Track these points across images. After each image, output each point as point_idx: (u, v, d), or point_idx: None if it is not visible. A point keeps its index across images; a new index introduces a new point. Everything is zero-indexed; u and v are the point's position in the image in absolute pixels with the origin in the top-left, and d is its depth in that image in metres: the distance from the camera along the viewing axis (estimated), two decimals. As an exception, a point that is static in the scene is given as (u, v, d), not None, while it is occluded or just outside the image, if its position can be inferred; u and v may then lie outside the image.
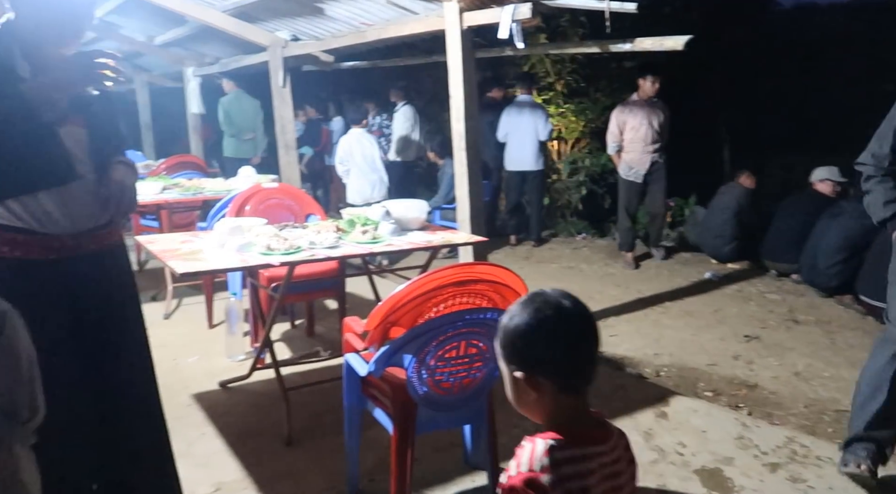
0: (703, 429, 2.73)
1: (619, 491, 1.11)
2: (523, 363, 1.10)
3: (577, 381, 1.10)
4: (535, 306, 1.12)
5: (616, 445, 1.13)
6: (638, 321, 4.24)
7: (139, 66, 9.05)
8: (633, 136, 5.48)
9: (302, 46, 5.41)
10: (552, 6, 3.53)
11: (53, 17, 1.61)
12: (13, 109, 1.54)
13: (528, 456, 1.05)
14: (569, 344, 1.10)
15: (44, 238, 1.64)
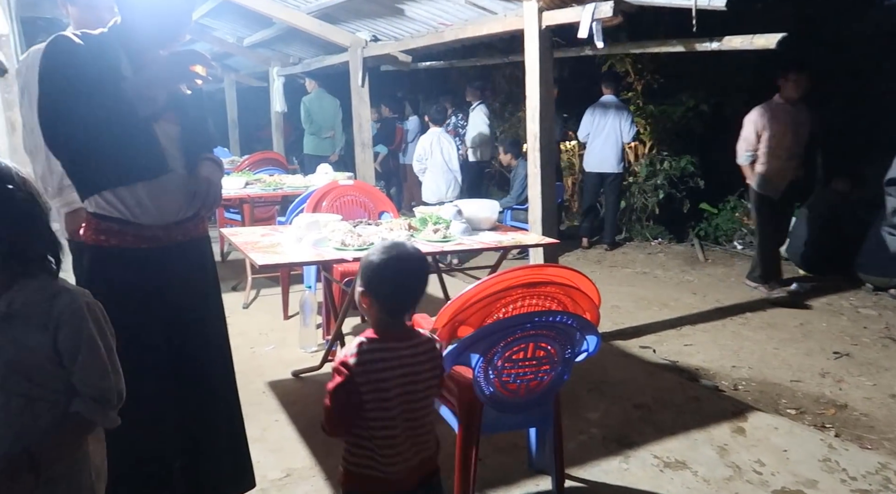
0: (785, 448, 2.59)
1: (415, 379, 1.50)
2: (365, 285, 1.49)
3: (395, 309, 1.50)
4: (388, 252, 1.49)
5: (418, 345, 1.52)
6: (716, 331, 4.06)
7: (228, 66, 9.51)
8: (774, 144, 4.68)
9: (381, 47, 5.52)
10: (635, 4, 3.43)
11: (156, 20, 1.72)
12: (114, 106, 1.65)
13: (348, 347, 1.48)
14: (396, 287, 1.48)
15: (137, 228, 1.74)
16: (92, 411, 1.29)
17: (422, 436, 1.54)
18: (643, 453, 2.54)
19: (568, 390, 2.66)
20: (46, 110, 1.68)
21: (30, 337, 1.25)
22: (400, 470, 1.50)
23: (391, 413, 1.47)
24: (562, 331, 1.94)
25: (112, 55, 1.71)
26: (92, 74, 1.65)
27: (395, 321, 1.51)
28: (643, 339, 3.89)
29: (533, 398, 2.03)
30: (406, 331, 1.53)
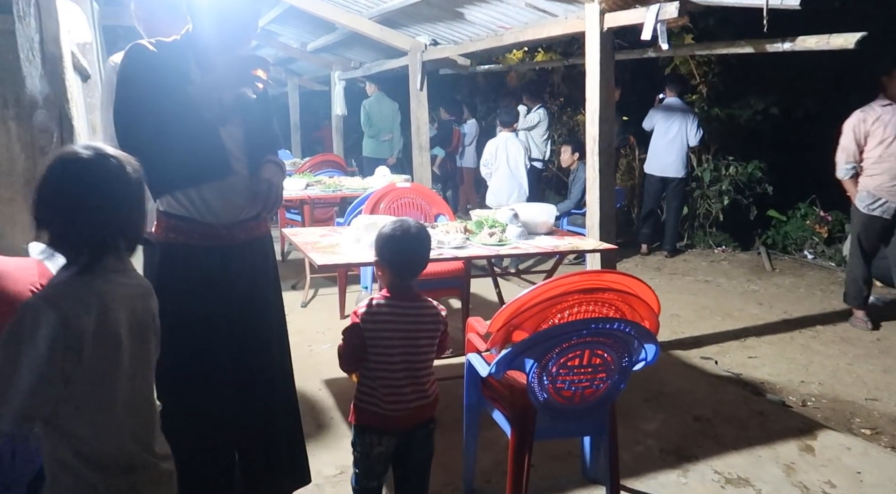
0: (858, 470, 2.44)
1: (417, 335, 1.77)
2: (378, 254, 1.81)
3: (402, 273, 1.80)
4: (395, 226, 1.82)
5: (422, 307, 1.80)
6: (783, 343, 3.88)
7: (291, 70, 9.78)
8: (881, 153, 3.97)
9: (440, 50, 5.55)
10: (702, 4, 3.33)
11: (224, 28, 1.78)
12: (182, 110, 1.73)
13: (363, 303, 1.78)
14: (400, 254, 1.79)
15: (203, 227, 1.82)
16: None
17: (422, 386, 1.79)
18: (703, 467, 2.45)
19: (624, 399, 2.60)
20: (121, 115, 1.77)
21: None
22: (398, 410, 1.76)
23: (393, 359, 1.74)
24: (619, 339, 1.90)
25: (182, 61, 1.79)
26: (163, 80, 1.73)
27: (403, 284, 1.79)
28: (704, 350, 3.76)
29: (588, 405, 1.99)
30: (413, 294, 1.81)
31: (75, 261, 1.22)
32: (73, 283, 1.21)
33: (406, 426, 1.78)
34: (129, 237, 1.29)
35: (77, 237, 1.21)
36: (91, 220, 1.21)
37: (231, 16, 1.77)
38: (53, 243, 1.22)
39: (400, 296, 1.78)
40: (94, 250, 1.22)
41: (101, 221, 1.22)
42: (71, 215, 1.21)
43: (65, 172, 1.22)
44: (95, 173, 1.23)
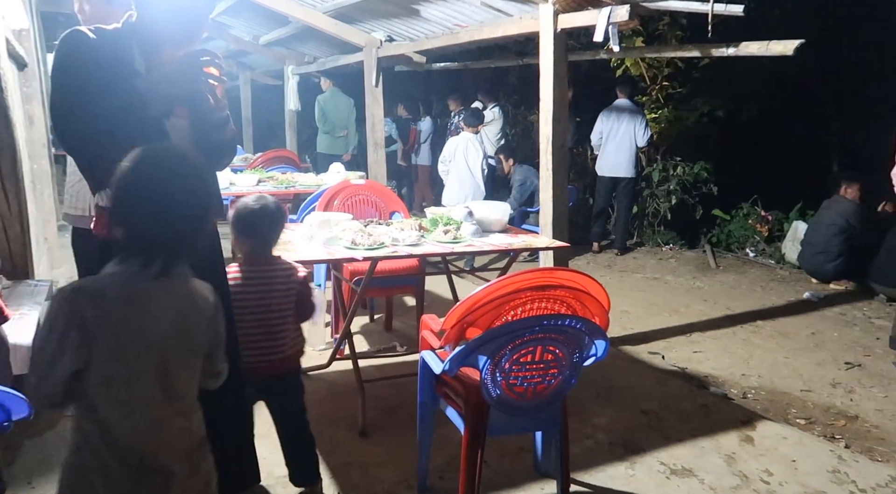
0: (793, 458, 2.56)
1: (268, 295, 2.08)
2: (236, 233, 2.11)
3: (260, 244, 2.11)
4: (256, 202, 2.10)
5: (274, 270, 2.11)
6: (726, 338, 4.03)
7: (243, 64, 9.57)
8: None
9: (396, 47, 5.53)
10: (651, 8, 3.42)
11: (175, 20, 1.73)
12: (127, 101, 1.67)
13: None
14: (252, 231, 2.08)
15: None
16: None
17: (276, 341, 2.07)
18: (650, 459, 2.53)
19: (575, 394, 2.66)
20: (59, 105, 1.68)
21: None
22: (253, 361, 2.03)
23: (245, 317, 2.03)
24: (570, 335, 1.94)
25: (126, 51, 1.72)
26: (105, 70, 1.66)
27: (259, 251, 2.11)
28: (652, 345, 3.87)
29: (540, 401, 2.03)
30: (268, 259, 2.12)
31: (125, 261, 1.26)
32: (107, 281, 1.25)
33: (263, 377, 2.06)
34: (191, 245, 1.33)
35: (141, 239, 1.26)
36: (150, 227, 1.25)
37: (182, 8, 1.72)
38: (125, 239, 1.27)
39: (254, 261, 2.09)
40: (146, 256, 1.26)
41: (168, 227, 1.26)
42: (134, 219, 1.26)
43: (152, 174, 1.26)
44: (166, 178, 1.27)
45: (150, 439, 1.28)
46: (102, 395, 1.24)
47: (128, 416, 1.25)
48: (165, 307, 1.28)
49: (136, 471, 1.27)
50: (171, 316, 1.28)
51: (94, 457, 1.24)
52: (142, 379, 1.26)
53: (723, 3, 3.16)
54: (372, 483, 2.33)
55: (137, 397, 1.26)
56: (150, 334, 1.26)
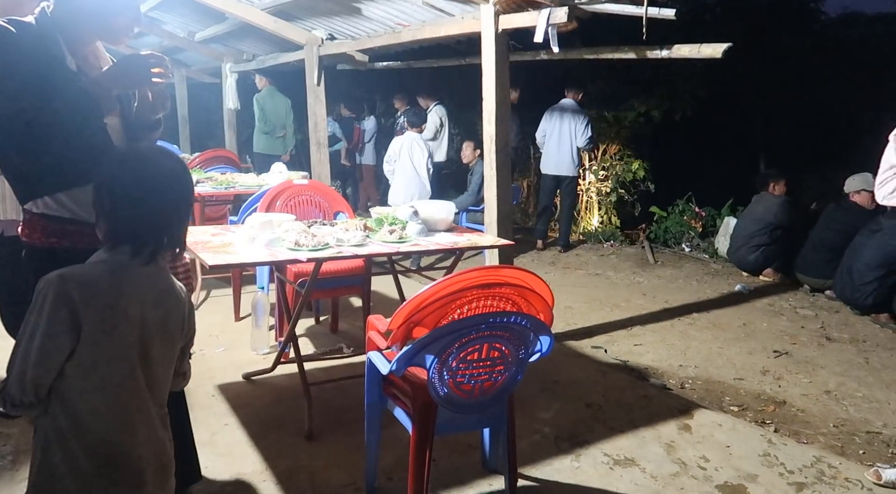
0: (728, 444, 2.68)
1: None
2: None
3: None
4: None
5: None
6: (664, 331, 4.18)
7: (179, 61, 9.24)
8: None
9: (337, 45, 5.47)
10: (589, 10, 3.50)
11: (97, 11, 1.64)
12: (71, 102, 1.57)
13: None
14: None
15: (93, 228, 1.68)
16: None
17: None
18: (594, 451, 2.60)
19: (521, 390, 2.70)
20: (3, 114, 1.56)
21: None
22: None
23: None
24: (516, 332, 1.97)
25: (54, 47, 1.62)
26: (39, 67, 1.56)
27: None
28: (595, 339, 3.97)
29: (487, 398, 2.05)
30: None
31: (113, 249, 1.32)
32: (93, 267, 1.30)
33: None
34: (173, 238, 1.37)
35: (125, 231, 1.31)
36: (140, 217, 1.31)
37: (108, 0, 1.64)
38: (113, 230, 1.32)
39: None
40: (135, 244, 1.31)
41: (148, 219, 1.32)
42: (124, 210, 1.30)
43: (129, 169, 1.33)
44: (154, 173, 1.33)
45: (122, 430, 1.29)
46: (79, 384, 1.26)
47: (103, 403, 1.28)
48: (150, 295, 1.33)
49: (107, 473, 1.28)
50: (154, 304, 1.34)
51: (65, 458, 1.27)
52: (123, 364, 1.29)
53: (656, 6, 3.27)
54: (320, 487, 2.30)
55: (117, 381, 1.29)
56: (135, 319, 1.30)
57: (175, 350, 1.42)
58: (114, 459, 1.29)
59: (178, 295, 1.41)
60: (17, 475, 2.29)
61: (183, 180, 1.39)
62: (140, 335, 1.32)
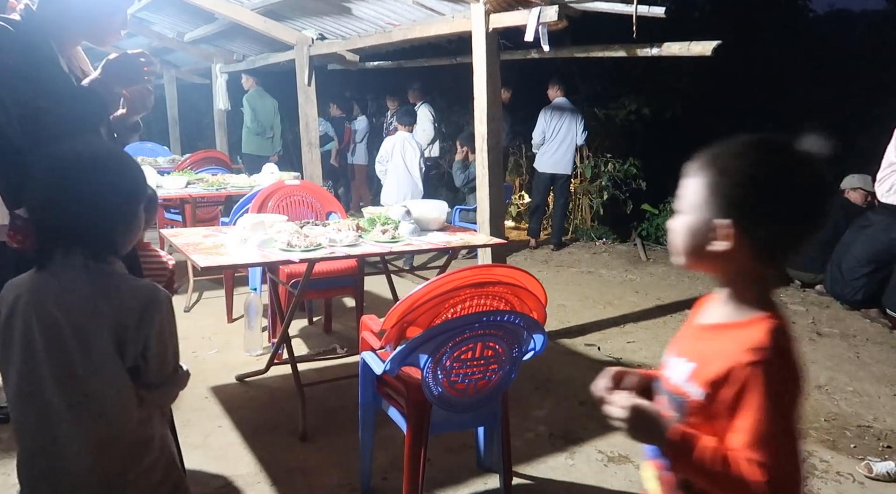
0: (721, 440, 2.69)
1: None
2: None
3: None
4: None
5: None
6: (657, 328, 4.19)
7: (168, 61, 9.19)
8: None
9: (328, 45, 5.45)
10: (579, 9, 3.51)
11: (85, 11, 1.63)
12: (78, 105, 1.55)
13: None
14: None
15: None
16: None
17: None
18: (588, 448, 2.60)
19: (515, 388, 2.70)
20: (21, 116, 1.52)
21: None
22: None
23: None
24: (509, 330, 1.97)
25: (47, 48, 1.61)
26: (44, 66, 1.53)
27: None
28: (588, 337, 3.98)
29: (481, 397, 2.05)
30: None
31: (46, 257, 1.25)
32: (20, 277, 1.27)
33: None
34: (87, 241, 1.24)
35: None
36: (41, 214, 1.25)
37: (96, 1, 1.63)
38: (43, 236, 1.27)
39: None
40: (41, 243, 1.26)
41: (50, 217, 1.23)
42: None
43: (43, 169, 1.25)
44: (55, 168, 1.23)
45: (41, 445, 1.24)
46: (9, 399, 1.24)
47: (21, 415, 1.24)
48: (65, 300, 1.22)
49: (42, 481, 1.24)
50: (70, 310, 1.22)
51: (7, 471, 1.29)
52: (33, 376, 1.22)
53: (646, 5, 3.29)
54: (314, 487, 2.30)
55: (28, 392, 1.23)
56: (37, 327, 1.21)
57: (112, 359, 1.23)
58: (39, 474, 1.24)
59: (117, 298, 1.24)
60: (8, 479, 2.27)
61: (105, 182, 1.24)
62: (49, 344, 1.21)
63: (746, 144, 0.99)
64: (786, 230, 0.97)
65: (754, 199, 0.94)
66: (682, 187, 1.02)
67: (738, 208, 0.95)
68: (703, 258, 1.00)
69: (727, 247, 0.96)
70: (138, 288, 1.29)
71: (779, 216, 0.95)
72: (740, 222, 0.95)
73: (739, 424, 0.92)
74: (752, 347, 0.93)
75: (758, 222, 0.95)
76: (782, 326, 0.97)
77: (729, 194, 0.96)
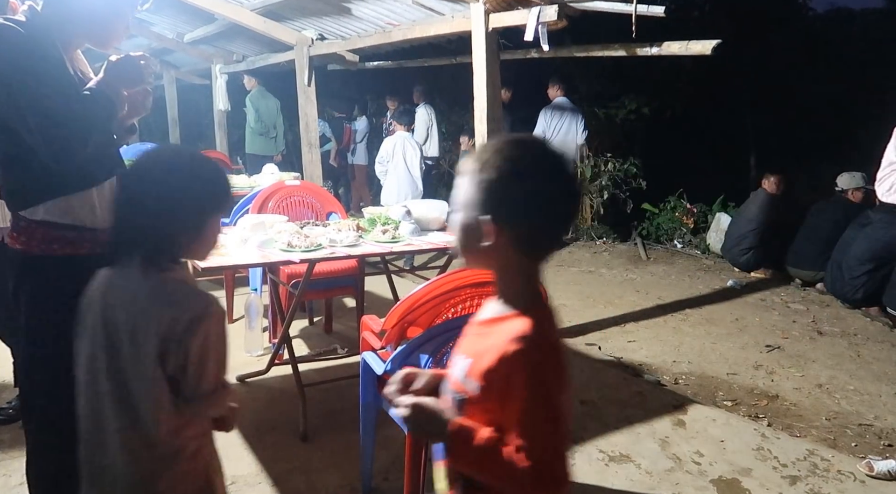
0: (722, 439, 2.70)
1: None
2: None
3: None
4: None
5: None
6: (658, 327, 4.20)
7: (168, 62, 9.20)
8: None
9: (328, 45, 5.46)
10: (578, 9, 3.51)
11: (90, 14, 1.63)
12: (87, 105, 1.55)
13: None
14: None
15: (93, 234, 1.65)
16: None
17: None
18: (589, 448, 2.60)
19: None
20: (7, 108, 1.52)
21: None
22: None
23: None
24: (510, 330, 1.97)
25: (53, 49, 1.61)
26: (52, 67, 1.54)
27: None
28: (589, 336, 3.98)
29: (482, 396, 2.05)
30: None
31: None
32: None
33: None
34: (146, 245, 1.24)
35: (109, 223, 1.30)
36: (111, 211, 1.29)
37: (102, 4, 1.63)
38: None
39: None
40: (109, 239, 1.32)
41: (114, 216, 1.27)
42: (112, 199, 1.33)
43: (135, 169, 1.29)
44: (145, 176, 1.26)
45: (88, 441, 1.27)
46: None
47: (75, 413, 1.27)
48: (122, 300, 1.25)
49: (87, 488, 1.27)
50: (126, 311, 1.23)
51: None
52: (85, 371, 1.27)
53: (645, 4, 3.29)
54: (315, 488, 2.30)
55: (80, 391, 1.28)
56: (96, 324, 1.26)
57: (154, 365, 1.21)
58: (88, 471, 1.27)
59: (168, 305, 1.22)
60: (9, 480, 2.28)
61: (171, 189, 1.23)
62: (106, 340, 1.23)
63: (502, 143, 1.01)
64: (538, 225, 0.99)
65: (504, 195, 0.97)
66: (456, 185, 1.04)
67: (494, 205, 0.97)
68: (477, 255, 1.03)
69: (490, 243, 0.99)
70: (191, 298, 1.26)
71: (529, 212, 0.97)
72: (498, 218, 0.97)
73: (509, 412, 0.95)
74: (514, 337, 0.96)
75: (512, 217, 0.97)
76: (545, 316, 1.01)
77: (486, 190, 0.98)
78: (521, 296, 1.02)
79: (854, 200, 4.99)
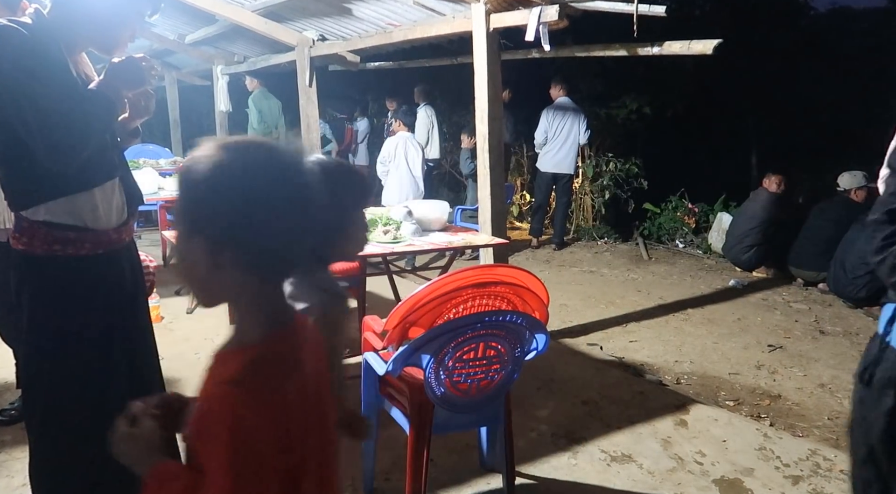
0: (724, 439, 2.69)
1: None
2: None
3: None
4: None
5: None
6: (659, 327, 4.19)
7: (169, 63, 9.20)
8: None
9: (329, 46, 5.46)
10: (580, 8, 3.51)
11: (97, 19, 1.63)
12: (89, 106, 1.56)
13: None
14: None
15: (94, 234, 1.66)
16: None
17: None
18: (591, 448, 2.60)
19: (518, 388, 2.70)
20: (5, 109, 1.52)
21: None
22: None
23: None
24: (512, 330, 1.97)
25: (56, 50, 1.61)
26: (55, 69, 1.54)
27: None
28: (591, 336, 3.98)
29: (484, 397, 2.05)
30: None
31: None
32: None
33: None
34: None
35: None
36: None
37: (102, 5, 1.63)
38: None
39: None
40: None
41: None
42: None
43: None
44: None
45: None
46: None
47: None
48: None
49: None
50: None
51: None
52: None
53: (647, 4, 3.28)
54: (318, 488, 2.30)
55: None
56: None
57: None
58: None
59: None
60: (12, 481, 2.28)
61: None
62: None
63: (211, 149, 0.84)
64: (263, 242, 0.82)
65: (215, 209, 0.80)
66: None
67: (205, 222, 0.81)
68: (203, 285, 0.86)
69: (211, 267, 0.82)
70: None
71: (249, 227, 0.80)
72: (212, 237, 0.80)
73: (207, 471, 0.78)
74: (219, 381, 0.81)
75: (227, 234, 0.80)
76: (280, 352, 0.84)
77: (194, 205, 0.82)
78: (251, 327, 0.86)
79: (857, 199, 4.98)
